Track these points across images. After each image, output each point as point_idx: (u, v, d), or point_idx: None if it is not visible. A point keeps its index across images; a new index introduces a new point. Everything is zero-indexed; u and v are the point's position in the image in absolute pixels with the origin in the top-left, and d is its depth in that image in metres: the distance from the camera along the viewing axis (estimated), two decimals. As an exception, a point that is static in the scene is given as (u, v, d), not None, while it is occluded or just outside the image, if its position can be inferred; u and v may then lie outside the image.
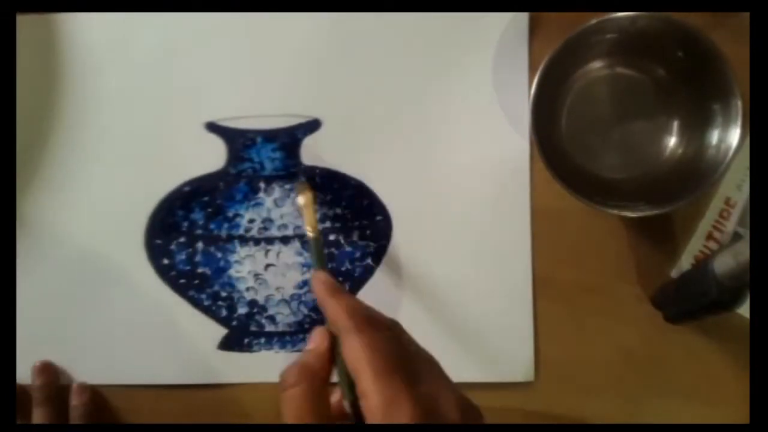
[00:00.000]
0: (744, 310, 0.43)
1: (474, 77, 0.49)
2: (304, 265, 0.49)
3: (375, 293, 0.49)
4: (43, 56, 0.49)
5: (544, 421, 0.49)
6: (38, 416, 0.47)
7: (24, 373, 0.49)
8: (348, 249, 0.49)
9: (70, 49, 0.49)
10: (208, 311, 0.50)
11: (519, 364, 0.49)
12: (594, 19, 0.43)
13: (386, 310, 0.48)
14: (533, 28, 0.48)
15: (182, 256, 0.49)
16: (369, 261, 0.49)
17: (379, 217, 0.49)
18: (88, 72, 0.49)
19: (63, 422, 0.48)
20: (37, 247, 0.49)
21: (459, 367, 0.48)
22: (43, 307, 0.49)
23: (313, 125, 0.49)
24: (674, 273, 0.48)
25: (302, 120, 0.49)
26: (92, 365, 0.49)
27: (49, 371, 0.48)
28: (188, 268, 0.49)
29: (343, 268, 0.49)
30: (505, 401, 0.49)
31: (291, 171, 0.49)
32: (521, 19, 0.48)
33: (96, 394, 0.49)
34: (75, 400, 0.48)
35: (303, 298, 0.49)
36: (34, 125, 0.49)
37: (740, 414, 0.48)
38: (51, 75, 0.49)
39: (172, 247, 0.49)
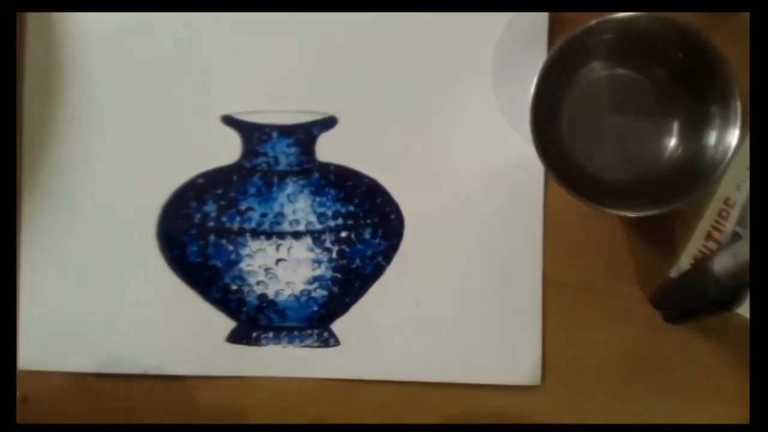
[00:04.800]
0: (744, 310, 0.43)
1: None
2: (314, 261, 0.49)
3: (385, 291, 0.49)
4: (57, 50, 0.49)
5: (543, 421, 0.49)
6: None
7: (31, 362, 0.49)
8: (359, 246, 0.49)
9: (83, 43, 0.50)
10: (217, 304, 0.50)
11: (526, 367, 0.49)
12: (594, 19, 0.43)
13: (395, 309, 0.49)
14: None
15: (194, 248, 0.49)
16: (380, 259, 0.49)
17: (391, 216, 0.49)
18: (104, 63, 0.50)
19: None
20: (47, 237, 0.50)
21: (466, 367, 0.49)
22: (52, 296, 0.50)
23: (329, 122, 0.49)
24: (673, 273, 0.48)
25: (318, 117, 0.49)
26: (99, 355, 0.50)
27: None
28: (199, 260, 0.49)
29: (353, 266, 0.49)
30: (504, 402, 0.49)
31: (305, 167, 0.49)
32: (541, 18, 0.48)
33: None
34: None
35: (312, 294, 0.50)
36: (48, 116, 0.49)
37: (740, 414, 0.48)
38: (63, 67, 0.49)
39: (184, 238, 0.49)
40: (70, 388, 0.50)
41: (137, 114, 0.50)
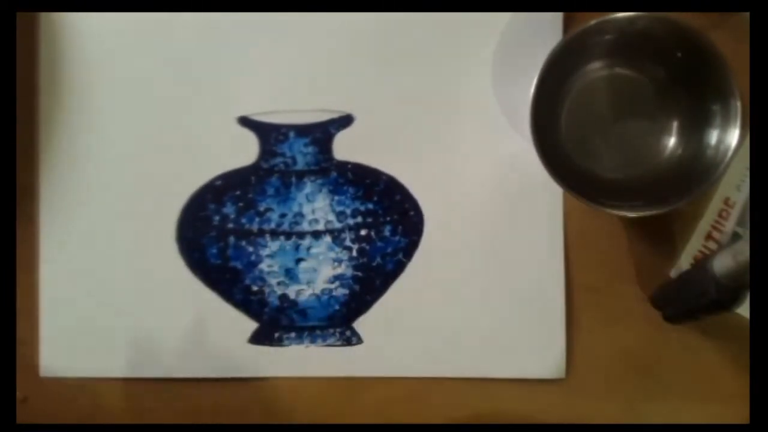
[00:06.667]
0: (744, 310, 0.43)
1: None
2: (335, 260, 0.49)
3: (406, 288, 0.49)
4: (73, 51, 0.50)
5: (539, 421, 0.49)
6: None
7: (54, 369, 0.49)
8: (379, 244, 0.49)
9: (99, 43, 0.50)
10: (239, 305, 0.50)
11: (550, 360, 0.49)
12: (593, 20, 0.43)
13: (417, 306, 0.49)
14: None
15: (213, 250, 0.50)
16: (400, 256, 0.49)
17: (411, 213, 0.49)
18: (120, 64, 0.50)
19: None
20: (67, 244, 0.50)
21: (485, 362, 0.49)
22: (72, 299, 0.50)
23: (345, 120, 0.49)
24: (673, 273, 0.48)
25: (335, 115, 0.49)
26: (122, 358, 0.50)
27: None
28: (219, 262, 0.50)
29: (374, 263, 0.49)
30: (503, 402, 0.49)
31: (323, 166, 0.50)
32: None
33: None
34: None
35: (334, 293, 0.50)
36: (63, 119, 0.50)
37: (740, 414, 0.48)
38: (78, 69, 0.50)
39: (204, 241, 0.49)
40: (70, 388, 0.50)
41: (153, 117, 0.50)
